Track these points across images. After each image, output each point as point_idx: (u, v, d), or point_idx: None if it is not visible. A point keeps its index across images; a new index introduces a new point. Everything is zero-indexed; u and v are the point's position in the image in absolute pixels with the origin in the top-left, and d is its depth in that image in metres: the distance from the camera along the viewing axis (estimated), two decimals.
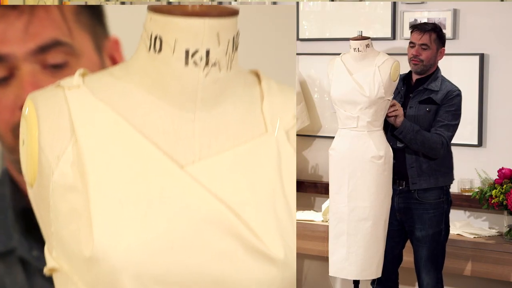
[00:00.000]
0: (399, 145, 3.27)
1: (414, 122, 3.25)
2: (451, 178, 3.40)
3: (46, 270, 1.91)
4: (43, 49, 2.45)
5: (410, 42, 3.32)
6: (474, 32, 3.90)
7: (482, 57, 3.87)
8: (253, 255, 1.80)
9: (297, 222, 3.96)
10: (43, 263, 1.93)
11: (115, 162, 1.80)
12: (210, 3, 4.19)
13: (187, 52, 1.84)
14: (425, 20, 3.95)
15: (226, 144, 1.87)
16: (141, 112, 1.85)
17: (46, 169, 1.82)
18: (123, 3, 4.41)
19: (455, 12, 3.93)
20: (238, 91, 1.93)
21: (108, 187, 1.78)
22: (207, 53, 1.84)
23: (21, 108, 2.42)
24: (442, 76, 3.36)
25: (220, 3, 4.31)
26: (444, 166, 3.36)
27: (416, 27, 3.34)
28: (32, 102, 1.87)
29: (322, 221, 4.11)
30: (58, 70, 2.47)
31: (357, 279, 3.33)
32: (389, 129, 3.26)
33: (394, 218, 3.31)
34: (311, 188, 4.39)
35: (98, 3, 4.24)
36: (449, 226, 3.43)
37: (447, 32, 3.92)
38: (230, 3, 4.36)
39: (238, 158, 1.86)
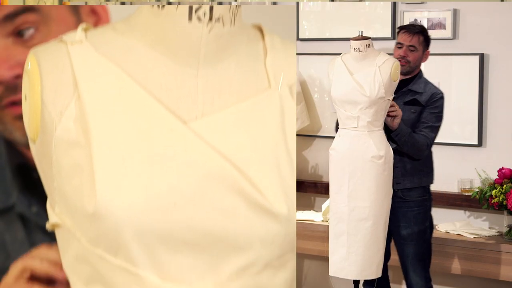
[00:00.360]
0: (391, 146, 3.28)
1: None
2: (432, 178, 3.43)
3: (48, 226, 1.90)
4: (10, 17, 2.44)
5: (398, 43, 3.35)
6: (474, 32, 3.90)
7: (482, 57, 3.87)
8: (256, 211, 1.79)
9: (297, 222, 3.96)
10: (43, 219, 1.93)
11: (118, 117, 1.78)
12: (210, 3, 4.19)
13: (190, 8, 1.82)
14: (425, 20, 3.96)
15: (229, 100, 1.85)
16: (144, 67, 1.84)
17: (48, 125, 1.81)
18: (123, 3, 4.41)
19: (455, 12, 3.94)
20: (242, 46, 1.91)
21: (111, 142, 1.76)
22: (211, 8, 1.83)
23: None
24: (425, 78, 3.39)
25: (220, 3, 4.31)
26: (426, 166, 3.39)
27: (404, 28, 3.37)
28: (35, 57, 1.85)
29: (322, 221, 4.11)
30: (30, 39, 2.47)
31: (357, 279, 3.33)
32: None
33: None
34: (311, 188, 4.39)
35: (98, 3, 4.24)
36: (433, 224, 3.45)
37: (447, 32, 3.93)
38: (230, 3, 4.36)
39: (242, 114, 1.84)
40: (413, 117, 3.30)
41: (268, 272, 1.85)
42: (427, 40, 3.35)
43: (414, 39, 3.31)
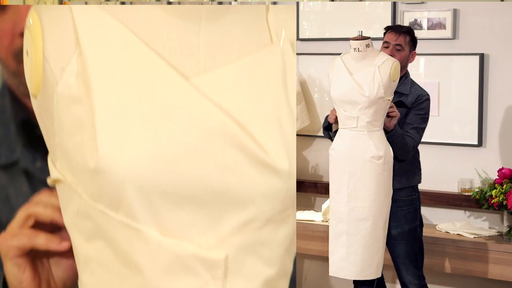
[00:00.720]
0: None
1: None
2: (420, 177, 3.44)
3: (49, 181, 1.90)
4: None
5: (384, 42, 3.35)
6: (474, 32, 3.90)
7: (482, 57, 3.87)
8: (257, 166, 1.78)
9: (297, 222, 3.96)
10: (47, 174, 1.93)
11: (120, 73, 1.77)
12: (210, 3, 4.19)
13: None
14: (425, 20, 3.97)
15: (231, 56, 1.84)
16: (146, 24, 1.82)
17: (50, 80, 1.80)
18: (123, 3, 4.41)
19: (455, 12, 3.94)
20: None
21: (112, 98, 1.75)
22: None
23: (20, 34, 2.43)
24: (411, 79, 3.39)
25: (220, 3, 4.31)
26: (413, 166, 3.40)
27: (391, 28, 3.38)
28: (36, 13, 1.83)
29: (322, 221, 4.11)
30: None
31: (356, 279, 3.33)
32: None
33: None
34: (311, 188, 4.39)
35: (98, 3, 4.24)
36: (422, 223, 3.45)
37: (447, 32, 3.93)
38: (230, 3, 4.36)
39: (243, 69, 1.83)
40: (398, 119, 3.30)
41: (270, 227, 1.85)
42: (413, 41, 3.36)
43: (400, 39, 3.31)
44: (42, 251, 2.01)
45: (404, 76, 3.36)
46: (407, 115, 3.32)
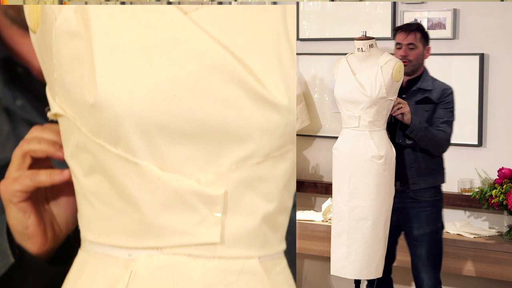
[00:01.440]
0: (408, 142, 3.28)
1: None
2: (444, 177, 3.43)
3: (50, 115, 1.90)
4: None
5: (397, 43, 3.34)
6: (474, 32, 3.90)
7: (482, 57, 3.87)
8: (256, 101, 1.77)
9: (297, 222, 3.96)
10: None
11: (118, 8, 1.77)
12: (210, 3, 4.19)
13: None
14: (425, 20, 3.97)
15: None
16: None
17: (49, 15, 1.80)
18: (123, 3, 4.40)
19: (455, 12, 3.94)
20: None
21: (111, 33, 1.75)
22: None
23: None
24: (430, 75, 3.39)
25: (220, 3, 4.31)
26: (439, 165, 3.39)
27: (400, 28, 3.37)
28: None
29: (322, 221, 4.10)
30: None
31: (356, 278, 3.32)
32: (398, 126, 3.27)
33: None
34: (311, 188, 4.39)
35: (98, 3, 4.24)
36: (444, 225, 3.44)
37: (447, 32, 3.93)
38: (230, 3, 4.36)
39: (242, 4, 1.83)
40: (426, 115, 3.29)
41: (268, 163, 1.85)
42: (425, 36, 3.35)
43: (411, 37, 3.31)
44: (42, 194, 2.00)
45: (424, 73, 3.35)
46: (435, 110, 3.31)
